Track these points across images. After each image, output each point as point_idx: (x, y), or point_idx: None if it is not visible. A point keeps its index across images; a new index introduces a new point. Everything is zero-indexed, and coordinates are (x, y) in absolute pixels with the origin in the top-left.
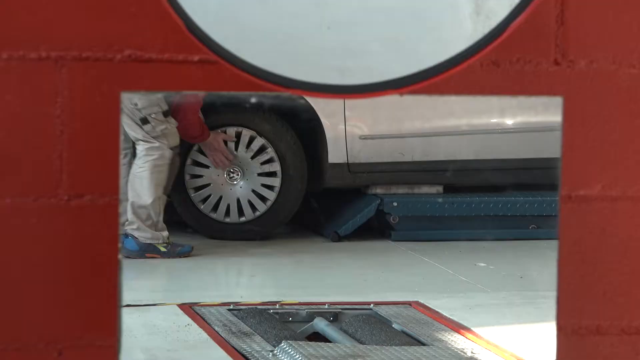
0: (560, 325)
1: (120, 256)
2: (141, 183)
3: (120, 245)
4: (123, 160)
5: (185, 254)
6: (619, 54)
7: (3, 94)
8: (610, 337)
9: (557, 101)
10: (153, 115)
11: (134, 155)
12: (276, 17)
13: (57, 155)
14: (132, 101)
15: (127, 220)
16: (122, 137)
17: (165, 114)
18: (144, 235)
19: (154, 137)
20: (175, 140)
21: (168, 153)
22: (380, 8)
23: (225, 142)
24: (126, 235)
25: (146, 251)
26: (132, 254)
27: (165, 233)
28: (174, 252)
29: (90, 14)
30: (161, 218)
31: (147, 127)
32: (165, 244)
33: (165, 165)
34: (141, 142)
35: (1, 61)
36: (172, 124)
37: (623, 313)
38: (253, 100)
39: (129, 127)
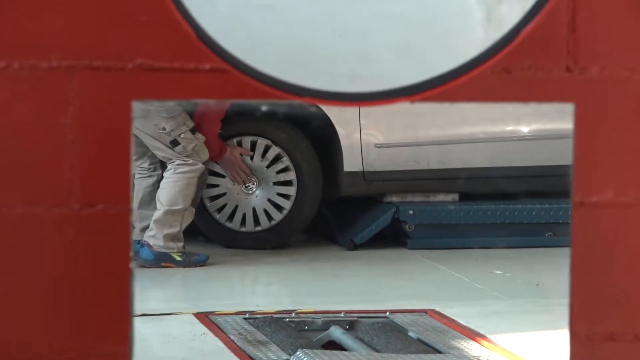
0: (573, 331)
1: (131, 265)
2: (172, 190)
3: (131, 254)
4: (153, 174)
5: (201, 263)
6: (631, 60)
7: (14, 103)
8: (624, 343)
9: (572, 108)
10: (182, 136)
11: (162, 167)
12: (287, 25)
13: (69, 165)
14: (159, 126)
15: (147, 226)
16: (133, 147)
17: (193, 131)
18: (159, 243)
19: (186, 157)
20: (205, 154)
21: (200, 167)
22: (391, 15)
23: (241, 155)
24: (141, 245)
25: (161, 260)
26: (147, 263)
27: (181, 243)
28: (190, 262)
29: (101, 23)
30: (182, 228)
31: (178, 148)
32: (180, 253)
33: (196, 178)
34: (172, 161)
35: (12, 70)
36: (200, 139)
37: (636, 319)
38: (264, 108)
39: (160, 151)
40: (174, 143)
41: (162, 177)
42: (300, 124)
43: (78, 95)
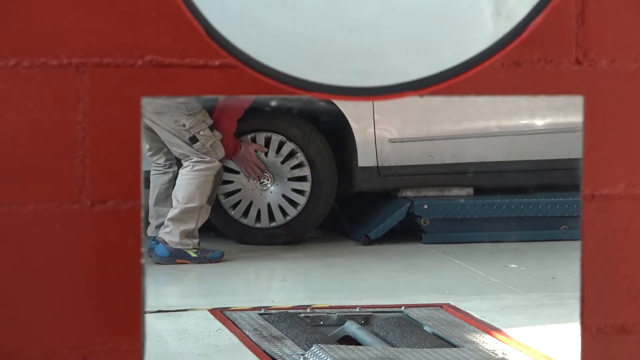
0: (585, 324)
1: (142, 261)
2: (189, 188)
3: (143, 249)
4: (167, 170)
5: (216, 259)
6: None
7: (25, 101)
8: (636, 335)
9: (581, 101)
10: (201, 133)
11: (177, 163)
12: (297, 21)
13: (80, 161)
14: (179, 123)
15: (162, 223)
16: (149, 142)
17: (211, 128)
18: (175, 240)
19: (203, 154)
20: (222, 151)
21: (217, 165)
22: (401, 10)
23: (256, 151)
24: (157, 242)
25: (177, 257)
26: (162, 260)
27: (196, 240)
28: (205, 258)
29: (110, 20)
30: (198, 226)
31: (197, 145)
32: (195, 250)
33: (212, 175)
34: (189, 158)
35: (23, 68)
36: (217, 137)
37: None
38: (274, 104)
39: (177, 147)
40: (193, 140)
41: (177, 174)
42: (315, 120)
43: (88, 93)
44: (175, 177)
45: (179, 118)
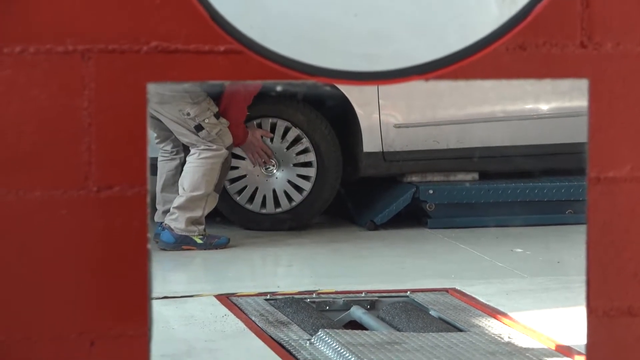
0: (590, 307)
1: (149, 246)
2: (195, 176)
3: (149, 235)
4: (175, 157)
5: (222, 245)
6: None
7: (30, 87)
8: None
9: (586, 84)
10: (207, 121)
11: (184, 150)
12: (302, 5)
13: (86, 148)
14: (184, 112)
15: (169, 210)
16: (156, 130)
17: (217, 116)
18: (180, 227)
19: (210, 142)
20: (229, 139)
21: (224, 152)
22: None
23: (262, 137)
24: (163, 228)
25: (182, 243)
26: (168, 246)
27: (202, 226)
28: (210, 244)
29: (115, 6)
30: (205, 213)
31: (202, 133)
32: (201, 236)
33: (219, 163)
34: (196, 146)
35: (28, 55)
36: (224, 124)
37: None
38: (279, 88)
39: (184, 136)
40: (198, 128)
41: (184, 161)
42: (320, 106)
43: (94, 79)
44: (182, 164)
45: (183, 107)
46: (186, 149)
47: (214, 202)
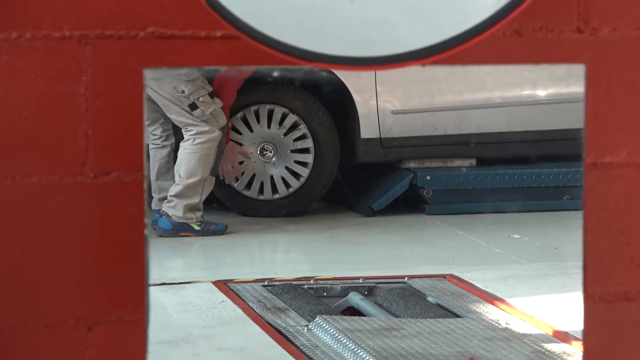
0: (587, 292)
1: (146, 232)
2: (191, 162)
3: (146, 220)
4: (165, 143)
5: (219, 232)
6: None
7: (27, 73)
8: (639, 303)
9: (583, 69)
10: (201, 99)
11: (175, 135)
12: None
13: (83, 133)
14: (178, 89)
15: (165, 197)
16: (146, 115)
17: (211, 95)
18: (178, 214)
19: (203, 121)
20: (223, 119)
21: (218, 134)
22: None
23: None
24: (160, 215)
25: (180, 230)
26: (166, 233)
27: (200, 212)
28: (208, 231)
29: None
30: (202, 199)
31: (196, 112)
32: (199, 223)
33: (214, 147)
34: (190, 127)
35: (25, 41)
36: (218, 104)
37: None
38: (275, 74)
39: (177, 115)
40: (193, 107)
41: (176, 146)
42: (317, 92)
43: (91, 65)
44: (173, 150)
45: (177, 84)
46: (177, 134)
47: (210, 186)
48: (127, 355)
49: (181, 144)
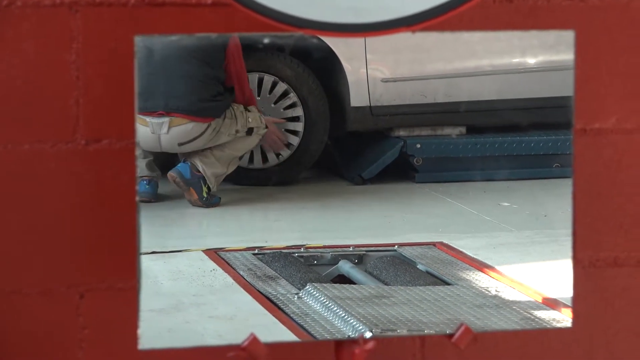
0: (577, 258)
1: (137, 199)
2: None
3: (137, 188)
4: None
5: (215, 204)
6: None
7: (19, 41)
8: (628, 268)
9: (572, 35)
10: None
11: None
12: None
13: (74, 101)
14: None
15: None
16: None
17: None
18: (208, 172)
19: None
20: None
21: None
22: None
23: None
24: (185, 162)
25: (192, 186)
26: (182, 179)
27: (215, 184)
28: (209, 202)
29: None
30: (229, 171)
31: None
32: (207, 192)
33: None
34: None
35: (16, 9)
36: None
37: None
38: (266, 40)
39: None
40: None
41: None
42: (307, 60)
43: (82, 32)
44: None
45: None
46: None
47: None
48: (119, 322)
49: None
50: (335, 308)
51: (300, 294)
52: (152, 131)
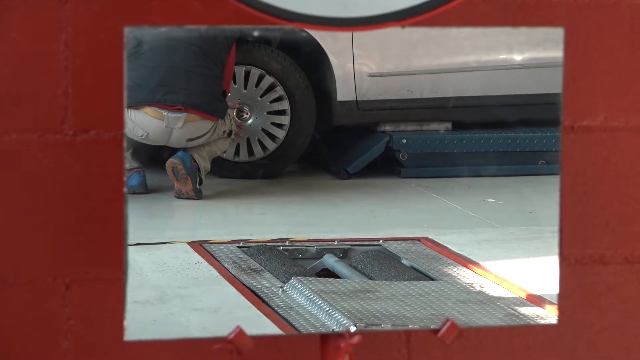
0: (563, 255)
1: (125, 190)
2: None
3: (125, 179)
4: None
5: (201, 197)
6: None
7: (8, 31)
8: (614, 266)
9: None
10: None
11: None
12: None
13: (62, 91)
14: None
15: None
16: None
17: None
18: (204, 162)
19: None
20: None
21: None
22: None
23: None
24: (186, 151)
25: (190, 175)
26: (183, 167)
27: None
28: (200, 194)
29: None
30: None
31: None
32: (200, 183)
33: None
34: None
35: None
36: None
37: (626, 242)
38: (256, 33)
39: None
40: None
41: None
42: (293, 54)
43: (71, 22)
44: None
45: None
46: None
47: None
48: (105, 313)
49: None
50: (320, 302)
51: (285, 288)
52: (166, 125)
